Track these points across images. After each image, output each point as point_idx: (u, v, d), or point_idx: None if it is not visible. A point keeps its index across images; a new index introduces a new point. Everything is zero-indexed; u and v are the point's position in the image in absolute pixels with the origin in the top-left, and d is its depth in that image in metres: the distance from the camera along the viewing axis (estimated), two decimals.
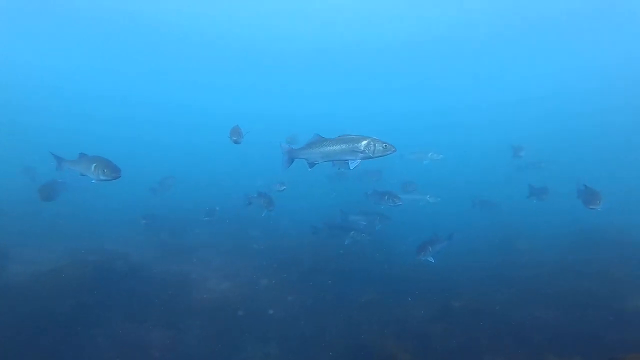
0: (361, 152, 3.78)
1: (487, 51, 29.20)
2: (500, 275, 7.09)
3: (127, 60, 33.56)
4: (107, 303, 5.86)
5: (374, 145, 3.76)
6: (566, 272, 6.95)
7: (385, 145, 3.76)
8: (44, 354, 4.91)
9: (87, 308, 5.69)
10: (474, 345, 4.67)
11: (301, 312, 6.32)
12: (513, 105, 35.29)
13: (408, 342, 4.88)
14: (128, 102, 37.80)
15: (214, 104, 39.90)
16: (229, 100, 40.60)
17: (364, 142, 3.77)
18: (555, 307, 5.43)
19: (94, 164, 4.23)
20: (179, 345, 5.39)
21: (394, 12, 24.67)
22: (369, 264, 7.96)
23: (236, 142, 5.90)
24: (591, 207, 5.66)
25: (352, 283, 7.06)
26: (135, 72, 36.28)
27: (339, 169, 10.62)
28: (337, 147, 3.85)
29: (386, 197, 7.12)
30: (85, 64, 33.73)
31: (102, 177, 4.23)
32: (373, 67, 33.17)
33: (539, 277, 6.68)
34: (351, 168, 4.00)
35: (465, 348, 4.67)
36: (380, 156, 3.85)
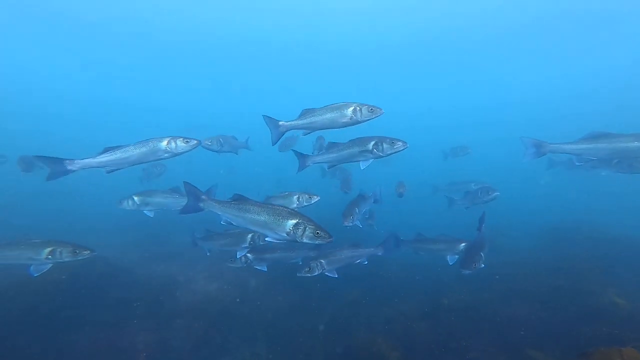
0: None
1: (482, 53, 29.95)
2: (483, 273, 7.31)
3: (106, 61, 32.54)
4: (87, 307, 5.63)
5: None
6: (543, 269, 7.24)
7: None
8: None
9: (65, 312, 5.45)
10: (460, 343, 4.81)
11: (289, 311, 6.30)
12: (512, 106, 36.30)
13: (397, 340, 4.97)
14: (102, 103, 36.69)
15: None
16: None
17: None
18: (535, 304, 5.65)
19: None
20: (165, 348, 5.26)
21: (391, 12, 24.89)
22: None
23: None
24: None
25: (340, 281, 7.08)
26: (114, 71, 35.26)
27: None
28: (630, 145, 3.05)
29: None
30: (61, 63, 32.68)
31: None
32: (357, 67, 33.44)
33: (518, 275, 6.92)
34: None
35: (452, 346, 4.81)
36: None
